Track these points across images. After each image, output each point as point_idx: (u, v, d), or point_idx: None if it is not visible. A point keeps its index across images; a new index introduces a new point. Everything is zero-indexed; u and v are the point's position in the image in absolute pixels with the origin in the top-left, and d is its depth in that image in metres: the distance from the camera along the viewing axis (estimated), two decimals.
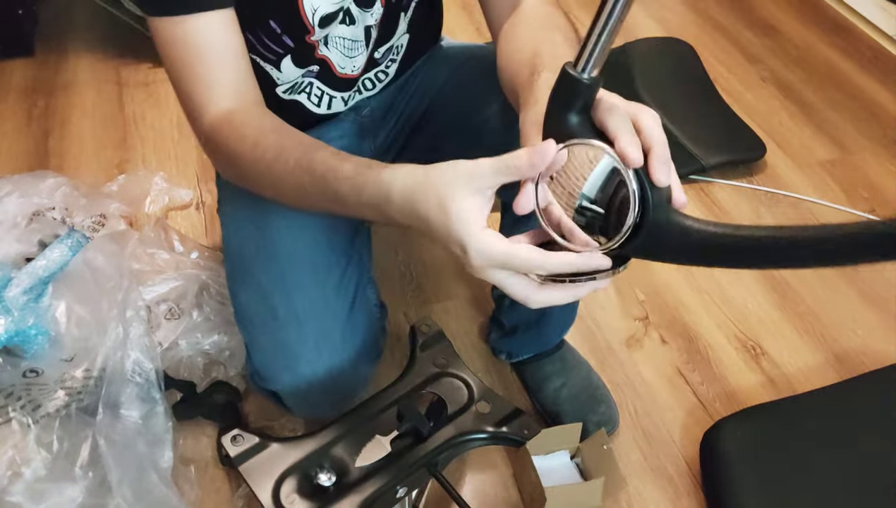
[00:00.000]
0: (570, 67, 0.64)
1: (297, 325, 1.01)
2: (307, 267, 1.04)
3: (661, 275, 1.62)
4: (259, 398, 1.35)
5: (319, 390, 1.00)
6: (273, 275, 1.03)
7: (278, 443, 0.75)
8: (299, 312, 1.01)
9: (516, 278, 0.68)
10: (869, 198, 1.83)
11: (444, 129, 1.17)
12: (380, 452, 0.76)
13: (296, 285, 1.02)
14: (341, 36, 1.03)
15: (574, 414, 1.33)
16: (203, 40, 0.86)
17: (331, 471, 0.73)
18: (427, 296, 1.54)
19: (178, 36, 0.86)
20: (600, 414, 1.34)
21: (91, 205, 1.53)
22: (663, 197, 0.63)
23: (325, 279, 1.04)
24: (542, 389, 1.37)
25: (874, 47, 2.35)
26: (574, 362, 1.40)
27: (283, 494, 0.71)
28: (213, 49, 0.87)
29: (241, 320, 1.08)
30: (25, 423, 1.18)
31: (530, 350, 1.38)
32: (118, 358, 1.24)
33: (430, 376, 0.82)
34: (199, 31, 0.86)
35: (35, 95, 1.97)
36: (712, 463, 1.26)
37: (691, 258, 0.65)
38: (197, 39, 0.86)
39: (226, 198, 1.16)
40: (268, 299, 1.03)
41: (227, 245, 1.12)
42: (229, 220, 1.13)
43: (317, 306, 1.02)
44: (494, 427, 0.79)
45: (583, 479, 1.27)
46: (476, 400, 0.81)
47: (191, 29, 0.85)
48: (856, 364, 1.48)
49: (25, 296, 1.26)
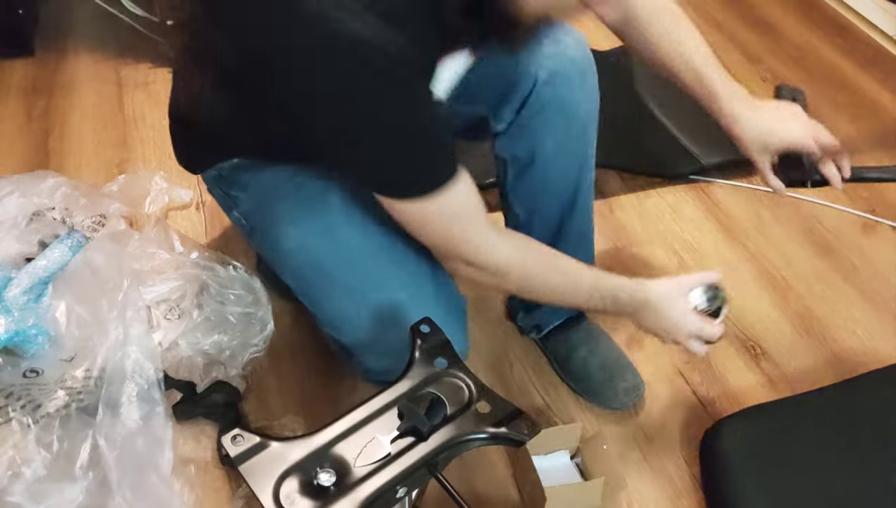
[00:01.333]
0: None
1: (403, 311, 1.05)
2: (390, 258, 1.08)
3: (661, 276, 1.62)
4: (259, 398, 1.35)
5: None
6: (361, 275, 1.08)
7: (278, 443, 0.75)
8: (402, 299, 1.07)
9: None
10: (869, 198, 1.83)
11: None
12: (380, 452, 0.76)
13: (387, 277, 1.08)
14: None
15: (603, 381, 1.38)
16: (460, 207, 0.95)
17: (331, 471, 0.72)
18: None
19: (438, 208, 0.93)
20: (628, 381, 1.38)
21: (91, 205, 1.53)
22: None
23: (406, 262, 1.09)
24: (570, 359, 1.41)
25: (874, 47, 2.35)
26: (598, 331, 1.44)
27: (283, 494, 0.71)
28: (469, 208, 0.97)
29: (337, 326, 1.14)
30: (25, 423, 1.18)
31: (560, 315, 1.41)
32: (118, 359, 1.24)
33: (430, 376, 0.82)
34: (455, 198, 0.93)
35: (35, 95, 1.97)
36: (712, 463, 1.26)
37: None
38: (454, 209, 0.95)
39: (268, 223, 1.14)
40: (365, 298, 1.08)
41: (290, 263, 1.13)
42: (285, 241, 1.11)
43: (412, 286, 1.09)
44: (495, 428, 0.79)
45: (583, 479, 1.27)
46: (476, 400, 0.81)
47: (449, 198, 0.92)
48: (856, 364, 1.48)
49: (25, 296, 1.27)
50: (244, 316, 1.41)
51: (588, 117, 1.23)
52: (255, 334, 1.40)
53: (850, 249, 1.71)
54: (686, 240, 1.71)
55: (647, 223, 1.75)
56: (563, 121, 1.20)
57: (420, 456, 0.76)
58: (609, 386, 1.38)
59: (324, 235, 1.08)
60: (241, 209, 1.20)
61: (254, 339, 1.39)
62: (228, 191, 1.20)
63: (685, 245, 1.70)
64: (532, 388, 1.41)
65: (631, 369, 1.40)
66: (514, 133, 1.22)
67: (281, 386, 1.38)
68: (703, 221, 1.76)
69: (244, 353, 1.38)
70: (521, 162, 1.24)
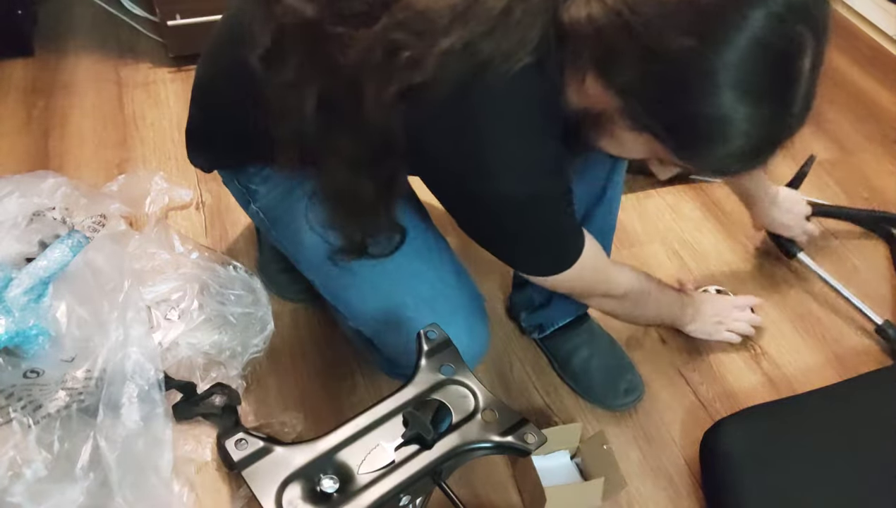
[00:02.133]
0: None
1: (428, 308, 1.09)
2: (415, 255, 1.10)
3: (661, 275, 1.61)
4: (259, 398, 1.35)
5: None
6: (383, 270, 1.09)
7: (282, 448, 0.75)
8: (425, 296, 1.10)
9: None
10: (869, 198, 1.83)
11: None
12: (384, 459, 0.76)
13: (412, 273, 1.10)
14: None
15: (604, 383, 1.39)
16: (592, 263, 1.09)
17: (334, 478, 0.72)
18: None
19: (579, 273, 1.06)
20: (628, 381, 1.40)
21: (91, 205, 1.52)
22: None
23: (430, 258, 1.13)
24: (571, 360, 1.42)
25: (874, 47, 2.35)
26: (599, 333, 1.45)
27: (286, 500, 0.71)
28: (597, 261, 1.12)
29: (360, 320, 1.16)
30: (26, 424, 1.18)
31: (566, 315, 1.42)
32: (119, 359, 1.24)
33: (435, 383, 0.82)
34: (587, 262, 1.06)
35: (35, 95, 1.96)
36: (712, 463, 1.26)
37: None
38: (587, 268, 1.07)
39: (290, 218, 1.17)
40: (389, 294, 1.10)
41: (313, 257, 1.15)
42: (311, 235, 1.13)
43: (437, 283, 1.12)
44: (500, 437, 0.78)
45: (583, 479, 1.28)
46: (482, 408, 0.81)
47: (584, 263, 1.05)
48: (856, 364, 1.48)
49: (26, 297, 1.26)
50: (244, 316, 1.41)
51: None
52: (255, 334, 1.40)
53: (850, 249, 1.71)
54: (686, 239, 1.71)
55: (647, 223, 1.75)
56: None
57: (424, 465, 0.76)
58: (609, 387, 1.38)
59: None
60: (261, 203, 1.20)
61: (254, 339, 1.39)
62: (248, 185, 1.21)
63: (685, 245, 1.70)
64: (532, 388, 1.41)
65: (632, 370, 1.41)
66: None
67: (281, 386, 1.38)
68: (703, 221, 1.76)
69: (244, 353, 1.38)
70: None
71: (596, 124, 0.86)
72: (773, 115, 0.76)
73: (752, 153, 0.80)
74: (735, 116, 0.74)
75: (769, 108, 0.76)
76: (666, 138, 0.80)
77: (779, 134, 0.79)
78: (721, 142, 0.77)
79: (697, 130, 0.77)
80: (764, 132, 0.77)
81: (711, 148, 0.78)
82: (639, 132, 0.81)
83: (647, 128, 0.80)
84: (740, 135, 0.76)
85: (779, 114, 0.77)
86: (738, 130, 0.75)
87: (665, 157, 0.85)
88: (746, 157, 0.80)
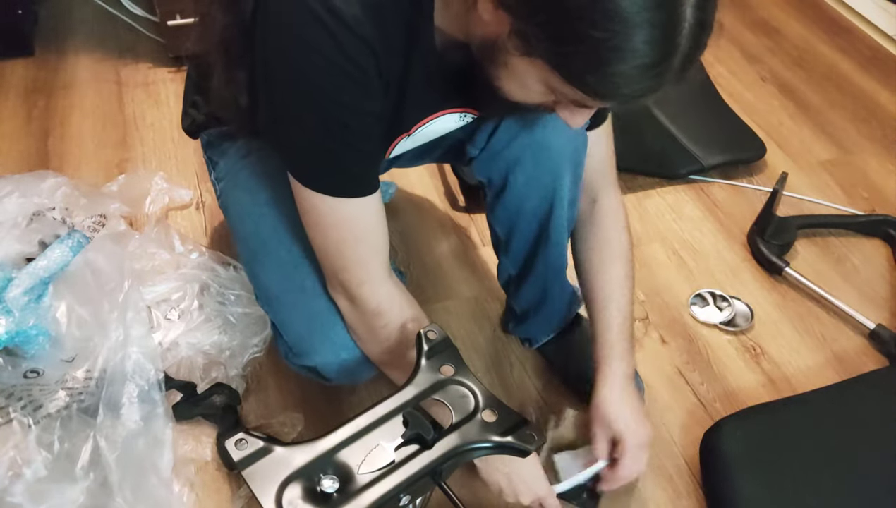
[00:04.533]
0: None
1: (327, 294, 1.04)
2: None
3: (661, 275, 1.62)
4: (258, 397, 1.35)
5: (357, 355, 1.06)
6: (294, 251, 1.07)
7: (282, 448, 0.75)
8: (322, 280, 1.05)
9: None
10: (869, 198, 1.83)
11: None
12: (384, 459, 0.76)
13: (314, 257, 1.05)
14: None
15: None
16: (361, 225, 0.96)
17: (334, 478, 0.72)
18: (427, 296, 1.54)
19: (341, 215, 0.94)
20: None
21: (91, 205, 1.52)
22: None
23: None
24: (567, 366, 1.41)
25: (874, 47, 2.35)
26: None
27: (286, 500, 0.71)
28: (368, 234, 0.98)
29: (266, 300, 1.13)
30: (26, 424, 1.18)
31: (546, 332, 1.40)
32: (119, 359, 1.24)
33: (435, 383, 0.82)
34: (359, 214, 0.95)
35: (35, 95, 1.96)
36: (712, 463, 1.26)
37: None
38: (353, 224, 0.96)
39: (229, 187, 1.20)
40: (292, 274, 1.07)
41: (240, 230, 1.16)
42: (238, 207, 1.16)
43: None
44: (500, 437, 0.78)
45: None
46: (482, 408, 0.80)
47: (354, 210, 0.94)
48: (856, 364, 1.48)
49: (26, 297, 1.26)
50: (244, 316, 1.41)
51: (561, 154, 1.14)
52: (255, 334, 1.40)
53: (850, 249, 1.71)
54: (686, 239, 1.71)
55: (647, 223, 1.75)
56: (531, 154, 1.14)
57: (424, 464, 0.75)
58: None
59: (270, 206, 1.09)
60: (217, 174, 1.23)
61: (254, 339, 1.39)
62: (211, 156, 1.24)
63: (685, 245, 1.70)
64: (532, 389, 1.41)
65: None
66: (487, 158, 1.17)
67: (281, 386, 1.38)
68: (703, 221, 1.76)
69: (244, 353, 1.38)
70: (496, 186, 1.20)
71: (492, 56, 0.82)
72: (666, 22, 0.71)
73: (644, 69, 0.73)
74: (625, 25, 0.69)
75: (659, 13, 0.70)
76: (554, 58, 0.75)
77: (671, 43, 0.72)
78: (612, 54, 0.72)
79: (584, 42, 0.72)
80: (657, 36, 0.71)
81: (601, 63, 0.73)
82: (530, 57, 0.77)
83: (537, 51, 0.76)
84: (631, 47, 0.71)
85: (671, 23, 0.71)
86: (630, 41, 0.70)
87: (559, 87, 0.79)
88: (638, 75, 0.73)
